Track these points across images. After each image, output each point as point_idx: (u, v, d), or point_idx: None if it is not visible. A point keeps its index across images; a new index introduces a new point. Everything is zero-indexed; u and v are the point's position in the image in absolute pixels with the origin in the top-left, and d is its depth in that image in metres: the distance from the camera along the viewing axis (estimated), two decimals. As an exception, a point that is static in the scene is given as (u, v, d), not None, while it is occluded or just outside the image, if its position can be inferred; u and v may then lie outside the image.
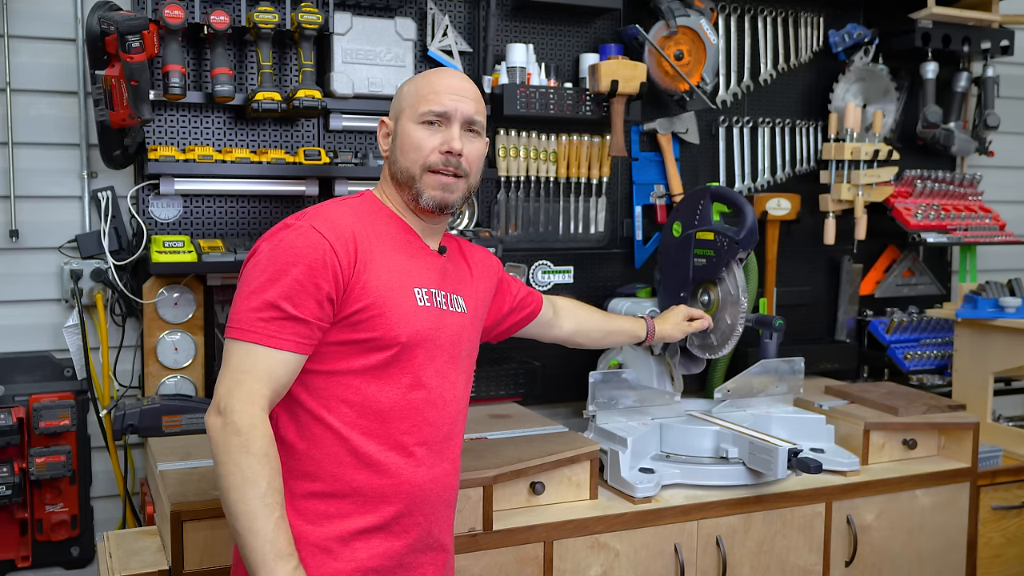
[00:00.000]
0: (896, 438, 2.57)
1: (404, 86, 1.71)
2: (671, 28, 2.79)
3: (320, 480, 1.54)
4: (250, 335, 1.48)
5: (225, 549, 1.86)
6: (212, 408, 1.46)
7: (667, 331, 2.36)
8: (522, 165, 2.75)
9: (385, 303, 1.54)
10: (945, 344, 3.21)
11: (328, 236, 1.52)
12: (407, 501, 1.58)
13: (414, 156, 1.64)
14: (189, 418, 2.29)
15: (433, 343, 1.61)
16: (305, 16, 2.32)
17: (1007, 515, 2.68)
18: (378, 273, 1.56)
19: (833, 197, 3.07)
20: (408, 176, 1.65)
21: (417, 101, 1.65)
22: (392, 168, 1.68)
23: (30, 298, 2.41)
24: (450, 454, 1.67)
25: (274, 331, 1.48)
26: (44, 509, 2.32)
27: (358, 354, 1.55)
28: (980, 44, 3.20)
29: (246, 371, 1.47)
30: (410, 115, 1.65)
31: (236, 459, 1.42)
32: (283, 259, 1.50)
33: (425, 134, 1.64)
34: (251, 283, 1.51)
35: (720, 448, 2.34)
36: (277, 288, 1.48)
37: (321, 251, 1.50)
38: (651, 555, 2.19)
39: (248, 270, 1.54)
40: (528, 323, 2.08)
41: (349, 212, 1.61)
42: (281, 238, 1.53)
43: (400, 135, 1.66)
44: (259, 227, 2.52)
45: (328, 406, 1.54)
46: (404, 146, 1.65)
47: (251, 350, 1.47)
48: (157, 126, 2.41)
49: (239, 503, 1.41)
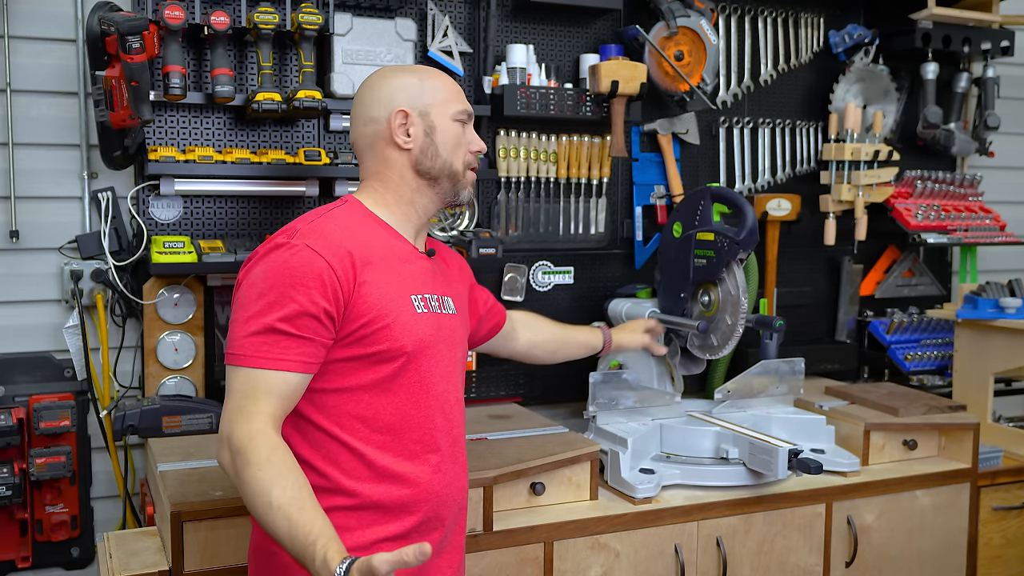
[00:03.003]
0: (896, 439, 2.57)
1: (406, 78, 1.66)
2: (671, 29, 2.79)
3: (340, 495, 1.53)
4: (253, 360, 1.44)
5: (225, 549, 1.86)
6: (220, 444, 1.44)
7: (624, 341, 2.36)
8: (522, 166, 2.75)
9: (387, 315, 1.53)
10: (945, 345, 3.21)
11: (324, 254, 1.48)
12: (427, 509, 1.58)
13: (459, 153, 1.66)
14: (189, 419, 2.29)
15: (435, 349, 1.60)
16: (305, 17, 2.31)
17: (1007, 516, 2.68)
18: (376, 286, 1.53)
19: (833, 198, 3.07)
20: (450, 172, 1.65)
21: (448, 98, 1.65)
22: (427, 163, 1.63)
23: (30, 299, 2.41)
24: (460, 457, 1.68)
25: (278, 353, 1.44)
26: (44, 510, 2.32)
27: (365, 368, 1.53)
28: (980, 44, 3.19)
29: (247, 396, 1.44)
30: (444, 111, 1.64)
31: (244, 478, 1.38)
32: (281, 281, 1.46)
33: (462, 132, 1.67)
34: (248, 307, 1.47)
35: (720, 449, 2.34)
36: (277, 311, 1.45)
37: (319, 270, 1.47)
38: (651, 556, 2.19)
39: (244, 293, 1.50)
40: (495, 334, 2.06)
41: (340, 226, 1.56)
42: (276, 259, 1.49)
43: (440, 130, 1.64)
44: (259, 228, 2.52)
45: (340, 423, 1.53)
46: (447, 142, 1.64)
47: (253, 375, 1.44)
48: (157, 127, 2.41)
49: (264, 517, 1.36)
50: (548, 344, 2.21)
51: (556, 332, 2.24)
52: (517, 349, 2.16)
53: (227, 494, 1.88)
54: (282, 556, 1.52)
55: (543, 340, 2.20)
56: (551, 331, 2.23)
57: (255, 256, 1.54)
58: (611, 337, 2.33)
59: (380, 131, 1.63)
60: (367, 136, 1.65)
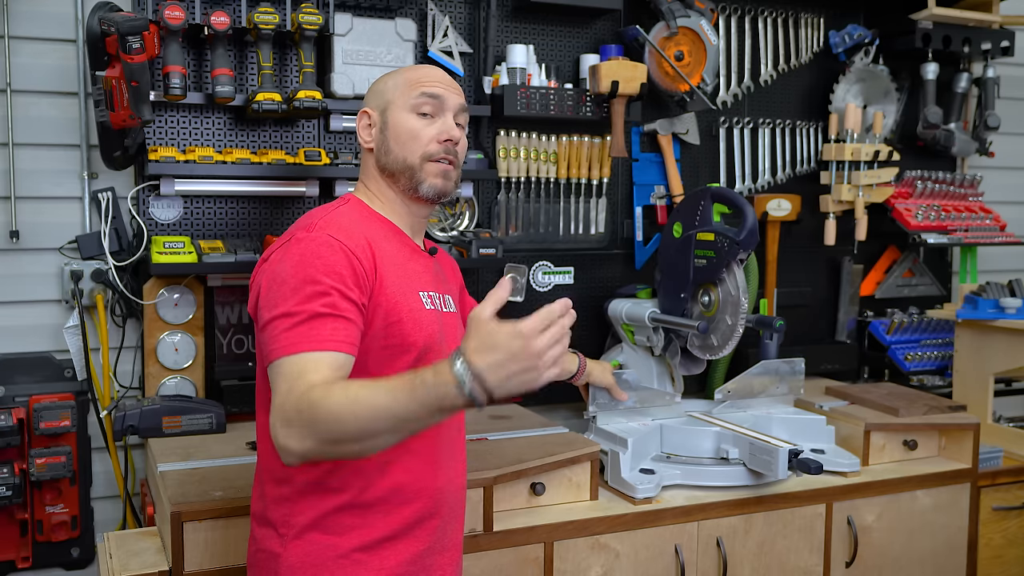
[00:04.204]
0: (897, 439, 2.57)
1: (386, 79, 1.68)
2: (671, 29, 2.79)
3: (346, 492, 1.53)
4: (298, 346, 1.38)
5: (225, 549, 1.86)
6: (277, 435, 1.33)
7: (595, 372, 2.35)
8: (522, 166, 2.75)
9: (401, 309, 1.53)
10: (946, 345, 3.21)
11: (348, 244, 1.48)
12: (428, 504, 1.59)
13: (413, 146, 1.62)
14: (189, 419, 2.29)
15: (440, 345, 1.60)
16: (305, 17, 2.31)
17: (1008, 516, 2.68)
18: (391, 279, 1.53)
19: (833, 198, 3.07)
20: (405, 166, 1.63)
21: (408, 88, 1.64)
22: (383, 159, 1.64)
23: (30, 299, 2.41)
24: (459, 454, 1.68)
25: (326, 335, 1.39)
26: (44, 510, 2.32)
27: (378, 362, 1.51)
28: (980, 45, 3.20)
29: (297, 376, 1.35)
30: (402, 104, 1.63)
31: (320, 414, 1.28)
32: (315, 269, 1.43)
33: (421, 123, 1.63)
34: (285, 302, 1.41)
35: (721, 449, 2.34)
36: (318, 299, 1.41)
37: (347, 258, 1.46)
38: (652, 556, 2.19)
39: (273, 289, 1.45)
40: None
41: (352, 220, 1.57)
42: (303, 250, 1.46)
43: (393, 125, 1.63)
44: (259, 228, 2.52)
45: None
46: (399, 135, 1.62)
47: (301, 360, 1.37)
48: (157, 127, 2.41)
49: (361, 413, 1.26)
50: None
51: None
52: None
53: (227, 494, 1.88)
54: (286, 559, 1.52)
55: None
56: None
57: (272, 256, 1.52)
58: (585, 363, 2.32)
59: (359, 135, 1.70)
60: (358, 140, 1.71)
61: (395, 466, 1.54)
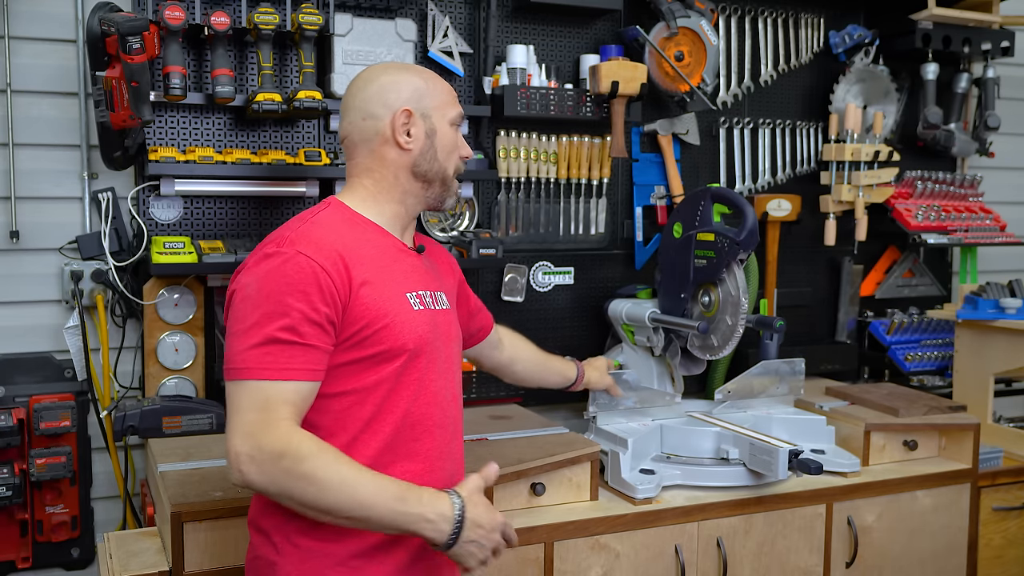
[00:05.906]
0: (897, 439, 2.57)
1: (411, 78, 1.64)
2: (671, 29, 2.79)
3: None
4: (259, 372, 1.39)
5: (225, 550, 1.86)
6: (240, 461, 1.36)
7: (593, 379, 2.34)
8: (522, 166, 2.75)
9: (386, 315, 1.51)
10: (946, 345, 3.21)
11: (317, 259, 1.46)
12: None
13: (455, 159, 1.67)
14: (189, 419, 2.29)
15: (432, 345, 1.60)
16: (306, 17, 2.31)
17: (1008, 516, 2.68)
18: (372, 287, 1.51)
19: (834, 198, 3.07)
20: (444, 177, 1.66)
21: (448, 102, 1.66)
22: (424, 165, 1.62)
23: (31, 299, 2.41)
24: (457, 453, 1.68)
25: (284, 363, 1.40)
26: (44, 510, 2.32)
27: (368, 370, 1.51)
28: (980, 45, 3.20)
29: (262, 408, 1.38)
30: (444, 115, 1.65)
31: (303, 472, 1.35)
32: (278, 289, 1.43)
33: (458, 138, 1.68)
34: (245, 319, 1.43)
35: (721, 449, 2.34)
36: (277, 321, 1.41)
37: (314, 275, 1.44)
38: (652, 556, 2.19)
39: (237, 305, 1.46)
40: (484, 337, 2.05)
41: (328, 229, 1.54)
42: (269, 268, 1.45)
43: (440, 135, 1.64)
44: (259, 228, 2.52)
45: (344, 425, 1.51)
46: (446, 146, 1.65)
47: (263, 388, 1.39)
48: (157, 127, 2.41)
49: (341, 494, 1.36)
50: (528, 363, 2.19)
51: (537, 355, 2.22)
52: (500, 360, 2.14)
53: (227, 495, 1.88)
54: (283, 566, 1.51)
55: (524, 358, 2.19)
56: (532, 352, 2.21)
57: (244, 268, 1.51)
58: (584, 371, 2.31)
59: (380, 128, 1.61)
60: (363, 131, 1.62)
61: (392, 468, 1.53)
